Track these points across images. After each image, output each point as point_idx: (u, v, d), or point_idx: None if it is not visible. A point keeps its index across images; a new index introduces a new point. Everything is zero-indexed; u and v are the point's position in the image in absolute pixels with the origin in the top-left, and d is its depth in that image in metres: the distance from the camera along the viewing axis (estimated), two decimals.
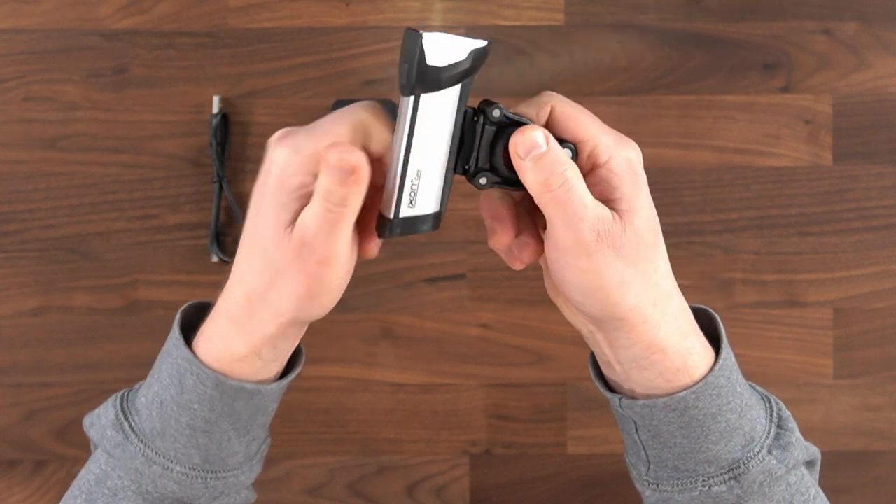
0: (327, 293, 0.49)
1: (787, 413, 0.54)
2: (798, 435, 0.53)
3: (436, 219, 0.49)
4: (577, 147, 0.49)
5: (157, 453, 0.51)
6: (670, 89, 0.81)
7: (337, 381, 0.81)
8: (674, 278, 0.51)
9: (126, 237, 0.81)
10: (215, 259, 0.80)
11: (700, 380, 0.50)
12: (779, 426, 0.53)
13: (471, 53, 0.47)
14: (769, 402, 0.54)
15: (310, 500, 0.82)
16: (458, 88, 0.47)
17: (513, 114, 0.49)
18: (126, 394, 0.54)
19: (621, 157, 0.49)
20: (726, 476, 0.51)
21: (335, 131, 0.47)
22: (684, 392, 0.50)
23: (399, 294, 0.81)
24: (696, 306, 0.54)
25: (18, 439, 0.81)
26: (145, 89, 0.80)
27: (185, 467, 0.52)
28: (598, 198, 0.48)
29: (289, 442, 0.81)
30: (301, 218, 0.47)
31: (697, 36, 0.81)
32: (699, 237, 0.82)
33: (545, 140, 0.47)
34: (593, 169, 0.49)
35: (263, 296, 0.49)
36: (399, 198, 0.48)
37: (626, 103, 0.81)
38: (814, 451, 0.54)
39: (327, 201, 0.46)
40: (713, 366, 0.51)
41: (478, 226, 0.81)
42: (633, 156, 0.49)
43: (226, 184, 0.80)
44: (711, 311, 0.54)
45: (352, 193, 0.46)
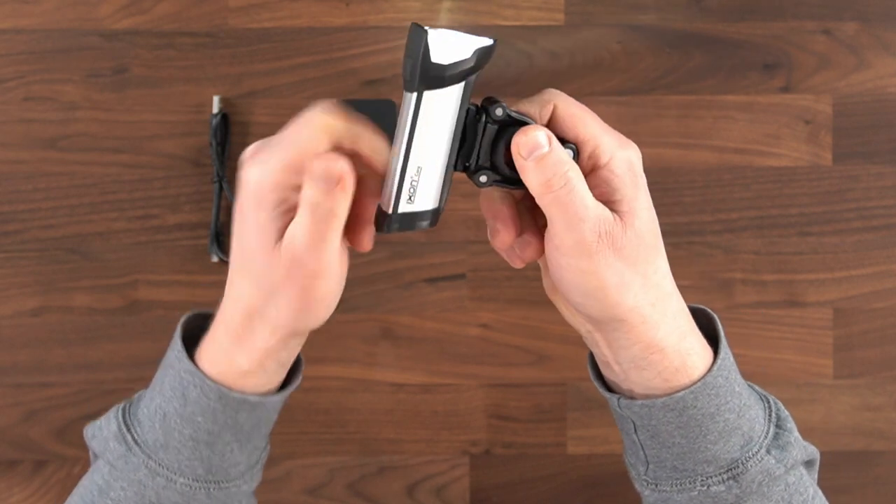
0: (323, 304, 0.49)
1: (785, 413, 0.54)
2: (797, 435, 0.53)
3: (434, 215, 0.49)
4: (579, 147, 0.49)
5: (160, 465, 0.51)
6: (670, 89, 0.81)
7: (337, 381, 0.81)
8: (672, 279, 0.51)
9: (126, 237, 0.81)
10: (215, 259, 0.80)
11: (698, 380, 0.50)
12: (777, 426, 0.53)
13: (476, 52, 0.47)
14: (768, 402, 0.54)
15: (310, 500, 0.82)
16: (461, 86, 0.47)
17: (515, 113, 0.49)
18: (127, 405, 0.54)
19: (622, 159, 0.49)
20: (725, 476, 0.51)
21: (302, 139, 0.46)
22: (683, 392, 0.50)
23: (399, 294, 0.81)
24: (695, 306, 0.54)
25: (18, 439, 0.81)
26: (145, 89, 0.80)
27: (189, 479, 0.52)
28: (598, 199, 0.48)
29: (289, 442, 0.81)
30: (289, 234, 0.47)
31: (697, 36, 0.81)
32: (699, 237, 0.82)
33: (547, 141, 0.47)
34: (594, 170, 0.49)
35: (261, 312, 0.49)
36: (398, 193, 0.48)
37: (626, 103, 0.81)
38: (812, 451, 0.54)
39: (314, 214, 0.46)
40: (711, 366, 0.51)
41: (478, 226, 0.81)
42: (633, 157, 0.49)
43: (226, 184, 0.80)
44: (710, 311, 0.54)
45: (339, 203, 0.46)
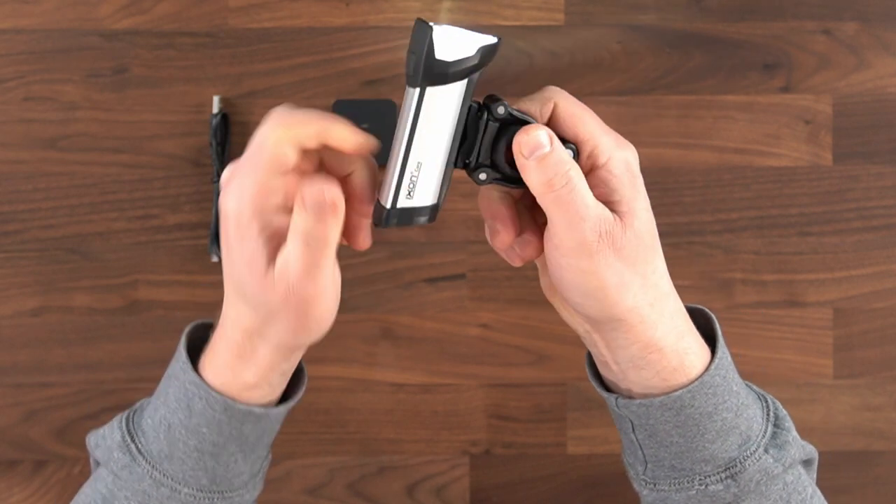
0: (321, 322, 0.49)
1: (783, 412, 0.54)
2: (795, 434, 0.53)
3: (433, 212, 0.49)
4: (578, 147, 0.49)
5: (165, 475, 0.51)
6: (670, 89, 0.81)
7: (337, 381, 0.81)
8: (669, 279, 0.51)
9: (126, 237, 0.81)
10: (215, 259, 0.80)
11: (696, 379, 0.50)
12: (775, 425, 0.53)
13: (479, 49, 0.47)
14: (766, 402, 0.54)
15: (310, 500, 0.82)
16: (464, 83, 0.47)
17: (517, 111, 0.49)
18: (130, 414, 0.54)
19: (620, 159, 0.49)
20: (723, 475, 0.51)
21: (265, 160, 0.46)
22: (680, 391, 0.50)
23: (399, 294, 0.81)
24: (693, 306, 0.54)
25: (18, 439, 0.81)
26: (145, 89, 0.80)
27: (193, 489, 0.52)
28: (597, 199, 0.48)
29: (289, 442, 0.81)
30: (281, 262, 0.47)
31: (697, 36, 0.81)
32: (699, 237, 0.82)
33: (549, 140, 0.48)
34: (592, 170, 0.49)
35: (260, 333, 0.50)
36: (398, 188, 0.48)
37: (626, 103, 0.81)
38: (810, 450, 0.54)
39: (307, 242, 0.46)
40: (709, 365, 0.51)
41: (478, 226, 0.81)
42: (630, 158, 0.50)
43: None
44: (708, 310, 0.54)
45: (331, 229, 0.46)
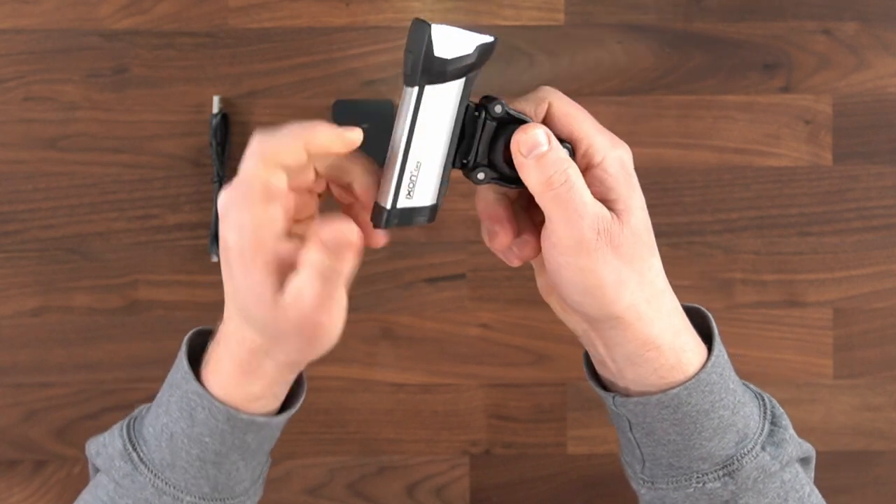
0: (330, 341, 0.50)
1: (780, 410, 0.54)
2: (792, 432, 0.53)
3: (432, 212, 0.49)
4: (573, 146, 0.49)
5: (167, 484, 0.52)
6: (670, 89, 0.81)
7: (337, 381, 0.81)
8: (665, 277, 0.51)
9: (126, 237, 0.81)
10: (215, 259, 0.80)
11: (693, 376, 0.51)
12: (772, 423, 0.53)
13: (477, 48, 0.47)
14: (763, 400, 0.54)
15: (310, 500, 0.82)
16: (462, 82, 0.47)
17: (514, 111, 0.49)
18: (131, 422, 0.54)
19: (614, 158, 0.49)
20: (720, 473, 0.51)
21: (258, 191, 0.46)
22: (677, 388, 0.50)
23: (399, 294, 0.81)
24: (690, 305, 0.54)
25: (18, 439, 0.81)
26: (145, 89, 0.80)
27: (195, 497, 0.52)
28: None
29: (289, 442, 0.81)
30: (295, 292, 0.47)
31: (697, 36, 0.81)
32: (699, 237, 0.82)
33: (547, 139, 0.48)
34: (587, 169, 0.49)
35: (267, 353, 0.50)
36: (397, 188, 0.48)
37: (626, 103, 0.81)
38: (808, 449, 0.55)
39: (323, 276, 0.46)
40: (705, 362, 0.51)
41: (477, 226, 0.81)
42: (625, 156, 0.50)
43: (226, 184, 0.80)
44: (703, 309, 0.54)
45: (348, 264, 0.47)
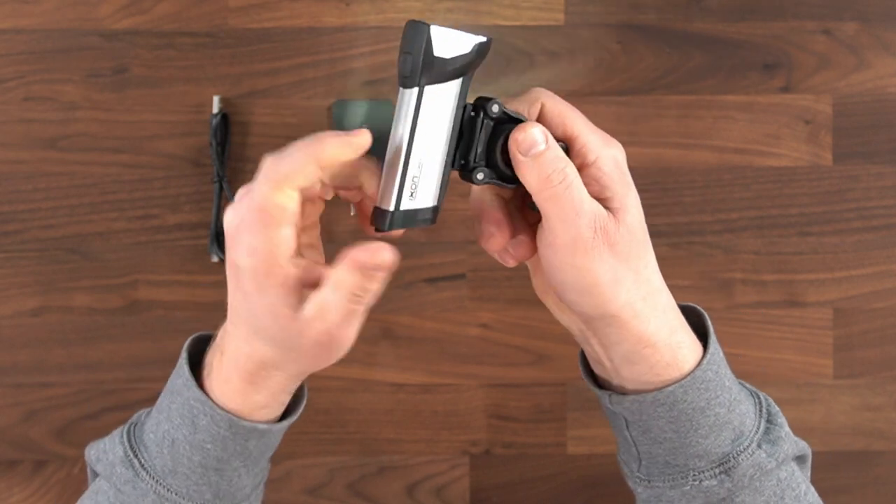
0: (343, 351, 0.50)
1: (776, 409, 0.55)
2: (787, 430, 0.54)
3: (434, 213, 0.50)
4: (567, 146, 0.49)
5: (169, 490, 0.52)
6: (670, 89, 0.81)
7: (337, 381, 0.81)
8: (660, 275, 0.51)
9: (126, 237, 0.81)
10: (215, 259, 0.80)
11: (688, 374, 0.51)
12: (768, 421, 0.54)
13: (475, 47, 0.47)
14: (758, 398, 0.55)
15: (310, 500, 0.82)
16: (459, 81, 0.48)
17: (511, 110, 0.49)
18: (132, 428, 0.55)
19: (608, 157, 0.50)
20: (716, 470, 0.51)
21: (274, 216, 0.46)
22: (673, 386, 0.51)
23: (399, 294, 0.81)
24: (685, 304, 0.54)
25: (18, 439, 0.81)
26: (145, 89, 0.81)
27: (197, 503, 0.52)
28: None
29: (289, 442, 0.81)
30: (316, 309, 0.47)
31: (697, 36, 0.81)
32: (699, 237, 0.82)
33: (545, 138, 0.48)
34: (581, 168, 0.50)
35: (278, 365, 0.50)
36: (400, 190, 0.48)
37: (626, 103, 0.81)
38: (803, 447, 0.55)
39: (352, 296, 0.47)
40: (701, 360, 0.52)
41: None
42: (618, 155, 0.50)
43: (226, 184, 0.80)
44: (699, 308, 0.54)
45: (378, 284, 0.48)
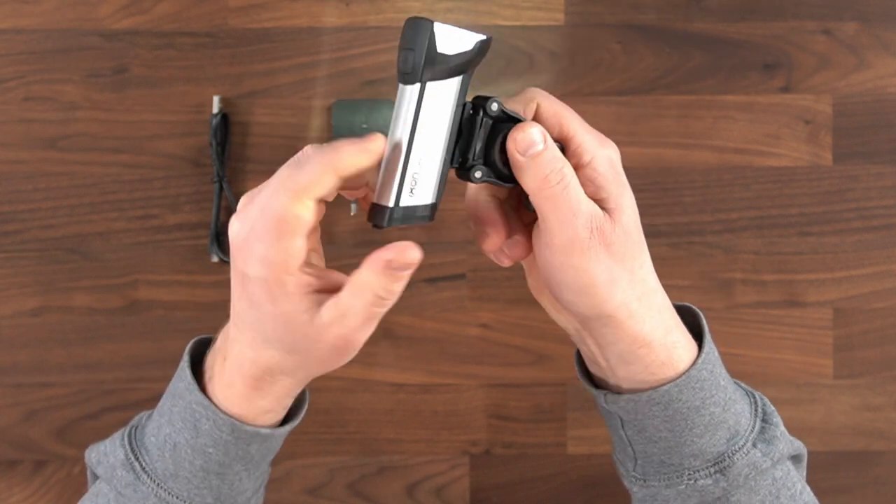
0: (355, 353, 0.50)
1: (771, 408, 0.55)
2: (783, 429, 0.54)
3: (432, 210, 0.50)
4: (563, 146, 0.49)
5: (170, 494, 0.52)
6: (670, 89, 0.81)
7: (337, 381, 0.82)
8: (655, 274, 0.52)
9: (126, 237, 0.81)
10: (215, 259, 0.80)
11: (683, 373, 0.51)
12: (763, 420, 0.54)
13: (477, 45, 0.47)
14: (754, 398, 0.55)
15: (310, 500, 0.82)
16: (460, 79, 0.48)
17: (510, 109, 0.49)
18: (133, 431, 0.55)
19: (603, 157, 0.50)
20: (712, 469, 0.52)
21: (288, 228, 0.45)
22: (668, 385, 0.51)
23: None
24: (680, 304, 0.55)
25: (18, 439, 0.81)
26: (145, 89, 0.81)
27: None
28: None
29: (289, 442, 0.81)
30: (336, 313, 0.47)
31: (697, 36, 0.81)
32: (699, 237, 0.82)
33: (543, 138, 0.48)
34: (576, 168, 0.50)
35: (287, 371, 0.50)
36: (400, 186, 0.48)
37: (626, 103, 0.81)
38: (799, 446, 0.55)
39: (376, 299, 0.47)
40: (696, 359, 0.52)
41: None
42: (613, 155, 0.50)
43: (226, 184, 0.80)
44: (694, 307, 0.55)
45: (403, 282, 0.48)
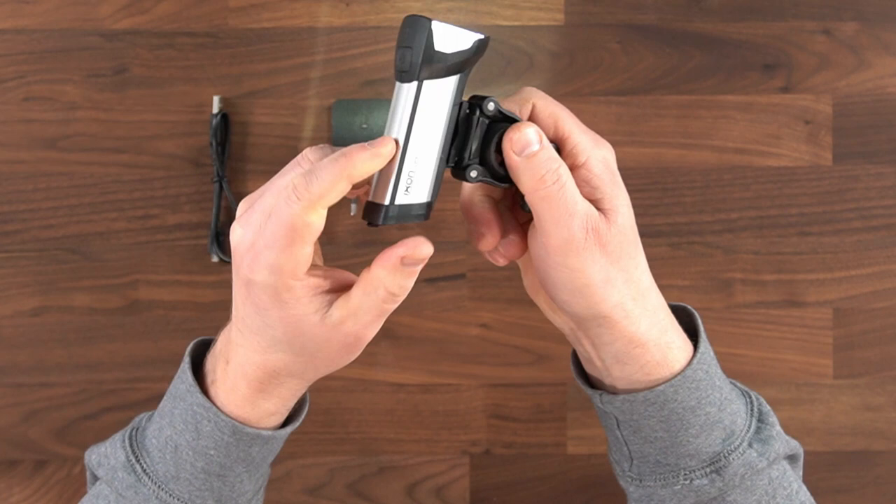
0: (361, 351, 0.50)
1: (767, 408, 0.55)
2: (779, 429, 0.55)
3: (428, 208, 0.50)
4: (558, 146, 0.49)
5: (171, 496, 0.52)
6: (670, 89, 0.81)
7: (337, 381, 0.82)
8: (650, 274, 0.52)
9: (126, 237, 0.81)
10: (215, 259, 0.80)
11: (679, 373, 0.51)
12: (759, 420, 0.54)
13: (474, 44, 0.47)
14: (749, 398, 0.56)
15: (310, 500, 0.82)
16: (457, 78, 0.48)
17: (506, 109, 0.49)
18: (133, 433, 0.55)
19: (598, 158, 0.50)
20: (708, 469, 0.52)
21: (298, 235, 0.45)
22: (663, 385, 0.51)
23: None
24: (676, 304, 0.55)
25: (18, 439, 0.81)
26: (145, 89, 0.81)
27: None
28: None
29: (289, 442, 0.81)
30: (347, 312, 0.47)
31: (697, 36, 0.81)
32: (699, 237, 0.82)
33: (538, 138, 0.48)
34: (572, 169, 0.50)
35: (295, 373, 0.51)
36: (396, 184, 0.48)
37: (626, 103, 0.81)
38: (795, 446, 0.55)
39: (389, 296, 0.47)
40: (691, 359, 0.52)
41: None
42: (608, 156, 0.50)
43: (226, 184, 0.80)
44: (690, 307, 0.55)
45: (414, 278, 0.48)
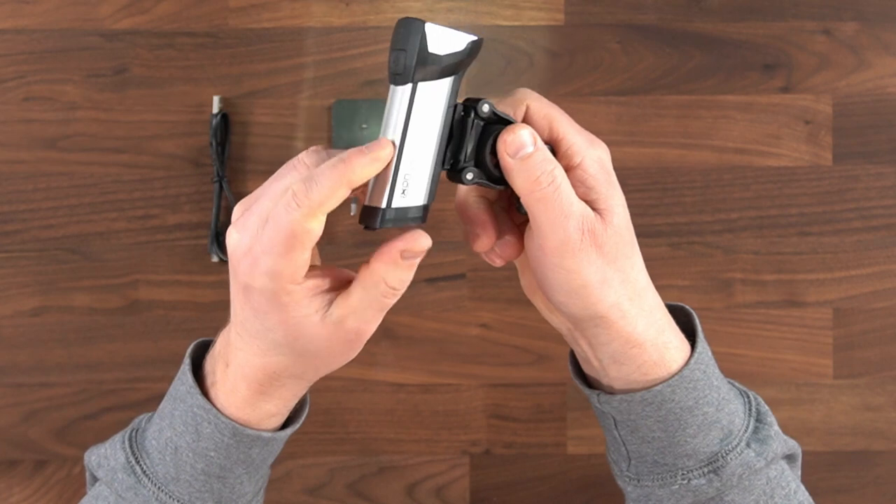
0: (360, 348, 0.51)
1: (765, 408, 0.56)
2: (777, 429, 0.55)
3: (424, 211, 0.50)
4: (553, 147, 0.49)
5: (171, 497, 0.53)
6: (670, 89, 0.81)
7: (337, 381, 0.82)
8: (647, 274, 0.52)
9: (126, 237, 0.81)
10: (215, 259, 0.81)
11: (676, 373, 0.52)
12: (757, 420, 0.54)
13: (468, 45, 0.47)
14: (747, 397, 0.56)
15: (310, 500, 0.82)
16: (452, 80, 0.48)
17: (501, 111, 0.49)
18: (133, 434, 0.55)
19: (593, 158, 0.50)
20: (705, 469, 0.52)
21: (298, 242, 0.45)
22: (660, 385, 0.52)
23: None
24: (673, 304, 0.55)
25: (18, 439, 0.81)
26: (145, 89, 0.81)
27: None
28: None
29: (289, 442, 0.81)
30: (347, 311, 0.48)
31: (697, 36, 0.81)
32: (699, 237, 0.82)
33: (533, 140, 0.48)
34: (567, 170, 0.50)
35: (296, 374, 0.51)
36: (393, 187, 0.48)
37: (626, 103, 0.81)
38: (793, 445, 0.56)
39: (389, 290, 0.48)
40: (689, 359, 0.52)
41: None
42: (603, 156, 0.51)
43: (226, 184, 0.80)
44: (687, 307, 0.55)
45: (413, 271, 0.48)
